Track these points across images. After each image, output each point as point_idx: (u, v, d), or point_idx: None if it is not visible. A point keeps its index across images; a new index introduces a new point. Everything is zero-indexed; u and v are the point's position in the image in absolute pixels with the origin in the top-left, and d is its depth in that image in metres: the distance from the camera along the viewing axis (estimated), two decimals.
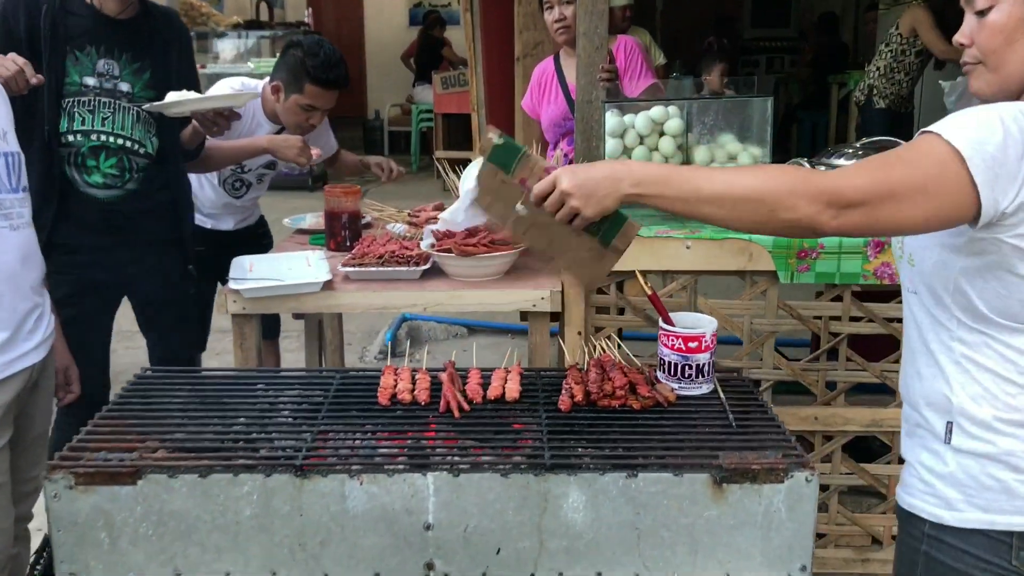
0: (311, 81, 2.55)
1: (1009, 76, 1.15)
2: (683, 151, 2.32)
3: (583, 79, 2.62)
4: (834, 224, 1.08)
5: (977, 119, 1.05)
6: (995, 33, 1.14)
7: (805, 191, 1.08)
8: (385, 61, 12.09)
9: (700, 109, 2.31)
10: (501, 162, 1.26)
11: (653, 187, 1.16)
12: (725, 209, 1.13)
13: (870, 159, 1.12)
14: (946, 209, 1.06)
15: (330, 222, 2.41)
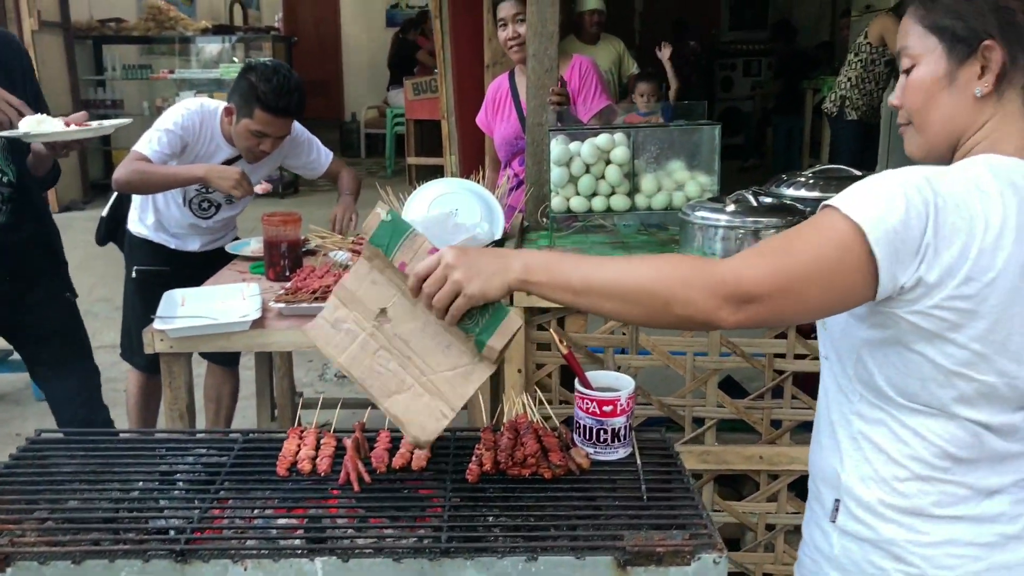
0: (261, 107, 2.47)
1: (934, 137, 1.11)
2: (630, 179, 2.27)
3: (533, 101, 2.56)
4: (733, 320, 1.02)
5: (881, 192, 1.00)
6: (916, 92, 1.10)
7: (702, 284, 1.01)
8: (362, 63, 12.00)
9: (647, 137, 2.26)
10: (385, 242, 1.17)
11: (542, 274, 1.08)
12: (615, 302, 1.06)
13: (770, 243, 1.05)
14: (849, 293, 1.01)
15: (269, 251, 2.34)
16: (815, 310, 1.05)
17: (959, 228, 0.99)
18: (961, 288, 0.99)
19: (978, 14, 1.05)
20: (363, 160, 11.15)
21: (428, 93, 7.56)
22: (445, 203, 2.30)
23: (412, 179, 8.25)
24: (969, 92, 1.07)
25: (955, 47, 1.07)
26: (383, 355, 1.20)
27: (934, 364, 1.03)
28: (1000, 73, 1.05)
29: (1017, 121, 1.07)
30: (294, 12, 11.79)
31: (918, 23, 1.10)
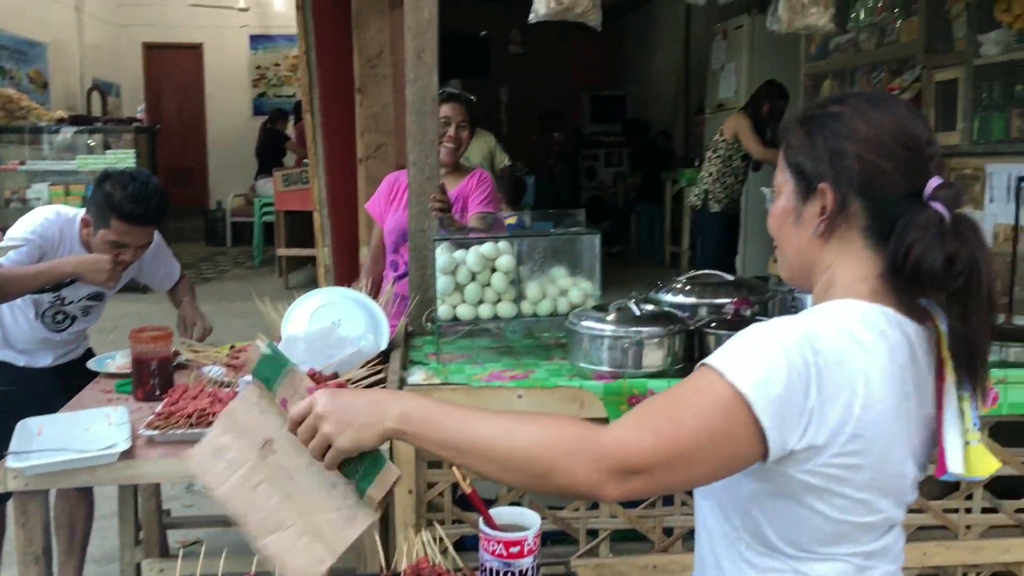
0: (117, 216, 2.37)
1: (791, 266, 1.15)
2: (515, 286, 2.29)
3: (415, 208, 2.56)
4: (617, 492, 0.98)
5: (762, 353, 0.99)
6: (775, 221, 1.15)
7: (586, 456, 0.97)
8: (228, 150, 11.80)
9: (531, 245, 2.29)
10: (265, 375, 1.12)
11: (420, 426, 1.02)
12: (494, 465, 1.00)
13: (655, 410, 1.01)
14: (734, 459, 0.99)
15: (137, 369, 2.20)
16: (702, 478, 1.02)
17: (841, 386, 0.99)
18: (847, 445, 0.99)
19: (817, 156, 1.08)
20: (229, 249, 10.85)
21: (299, 184, 7.47)
22: (326, 315, 2.24)
23: (282, 270, 8.07)
24: (809, 230, 1.10)
25: (800, 186, 1.11)
26: (265, 489, 1.13)
27: (824, 516, 1.03)
28: (832, 215, 1.08)
29: (861, 264, 1.08)
30: (158, 100, 11.53)
31: (783, 155, 1.14)
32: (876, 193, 1.06)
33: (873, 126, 1.06)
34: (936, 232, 1.02)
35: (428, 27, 2.47)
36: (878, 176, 1.06)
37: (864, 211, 1.07)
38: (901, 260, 1.03)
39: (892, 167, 1.06)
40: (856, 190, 1.07)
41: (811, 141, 1.09)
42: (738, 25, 6.72)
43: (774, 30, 2.71)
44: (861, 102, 1.09)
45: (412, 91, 2.50)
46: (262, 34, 11.73)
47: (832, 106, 1.10)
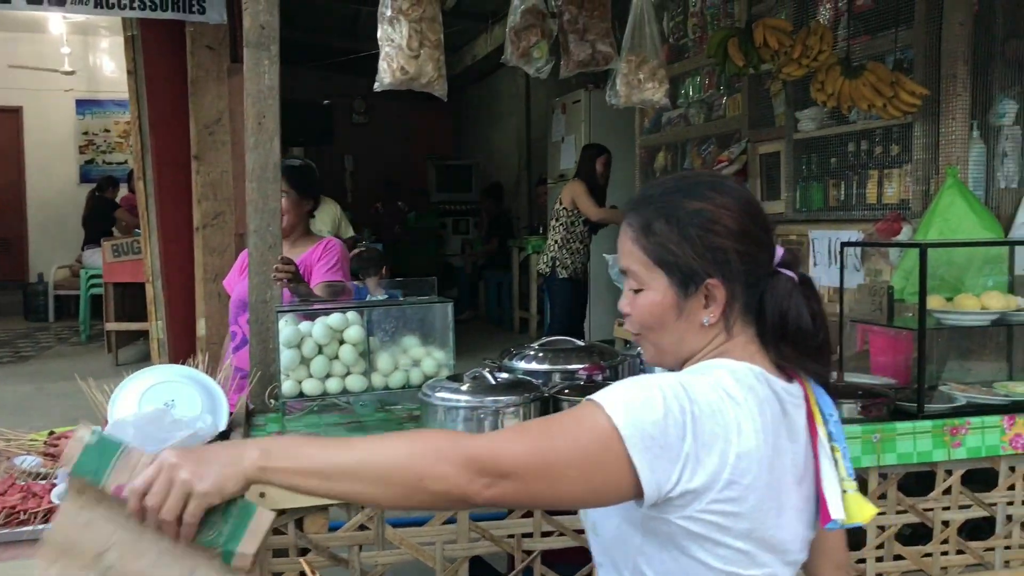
0: None
1: (666, 354, 1.19)
2: (365, 358, 2.21)
3: (255, 278, 2.44)
4: (487, 494, 0.99)
5: (642, 395, 1.03)
6: (646, 315, 1.17)
7: (455, 458, 0.99)
8: (51, 220, 11.06)
9: (381, 315, 2.22)
10: (92, 468, 0.99)
11: (284, 459, 0.99)
12: (366, 483, 0.99)
13: (529, 425, 1.07)
14: (604, 488, 1.02)
15: None
16: (571, 498, 1.04)
17: (717, 435, 1.03)
18: (724, 492, 1.03)
19: (697, 255, 1.13)
20: (52, 324, 10.09)
21: (131, 254, 7.06)
22: (159, 395, 2.07)
23: (111, 346, 7.55)
24: (696, 321, 1.15)
25: (681, 283, 1.14)
26: None
27: (708, 567, 1.06)
28: (725, 307, 1.15)
29: (739, 335, 1.16)
30: None
31: (642, 252, 1.17)
32: (752, 278, 1.15)
33: (737, 218, 1.14)
34: (797, 295, 1.14)
35: (269, 94, 2.40)
36: (753, 263, 1.15)
37: (742, 293, 1.15)
38: (779, 323, 1.13)
39: (759, 251, 1.16)
40: (739, 280, 1.15)
41: (687, 240, 1.14)
42: (576, 100, 7.00)
43: (613, 104, 2.81)
44: (717, 195, 1.16)
45: (253, 158, 2.41)
46: (90, 98, 11.15)
47: (692, 202, 1.15)
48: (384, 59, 2.43)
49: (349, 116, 11.72)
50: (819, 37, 2.97)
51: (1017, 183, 3.15)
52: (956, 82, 3.11)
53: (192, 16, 5.14)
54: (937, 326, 2.43)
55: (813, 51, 2.95)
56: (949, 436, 2.10)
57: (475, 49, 9.13)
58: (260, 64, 2.40)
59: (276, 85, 2.41)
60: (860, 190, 3.60)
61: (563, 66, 2.73)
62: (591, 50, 2.63)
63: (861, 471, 2.07)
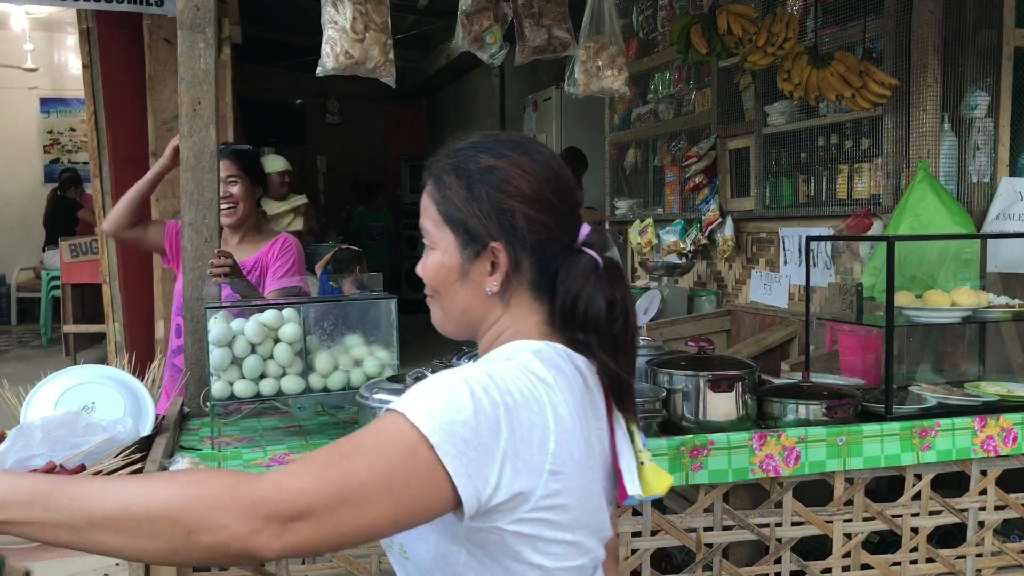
0: None
1: (454, 320, 1.12)
2: (303, 358, 2.08)
3: (190, 274, 2.31)
4: (277, 545, 0.83)
5: (446, 394, 0.93)
6: (434, 276, 1.11)
7: (236, 505, 0.83)
8: (14, 221, 10.80)
9: (320, 312, 2.09)
10: None
11: (25, 510, 0.82)
12: (124, 535, 0.82)
13: (322, 452, 0.90)
14: (418, 505, 0.89)
15: None
16: (380, 526, 0.89)
17: (535, 423, 0.95)
18: (550, 485, 0.96)
19: (484, 215, 1.06)
20: (14, 328, 9.86)
21: (88, 255, 6.88)
22: (78, 397, 1.93)
23: (70, 349, 7.36)
24: (481, 288, 1.08)
25: (467, 244, 1.07)
26: None
27: (541, 568, 0.98)
28: (507, 274, 1.07)
29: (529, 313, 1.09)
30: None
31: (435, 207, 1.10)
32: (542, 250, 1.07)
33: (533, 182, 1.07)
34: (595, 279, 1.06)
35: (205, 78, 2.28)
36: (544, 233, 1.07)
37: (532, 266, 1.08)
38: (569, 307, 1.06)
39: (554, 222, 1.08)
40: (527, 249, 1.07)
41: (474, 198, 1.07)
42: (547, 97, 6.90)
43: (571, 93, 2.70)
44: (516, 155, 1.08)
45: (187, 146, 2.29)
46: (55, 97, 10.92)
47: (486, 158, 1.08)
48: (327, 43, 2.31)
49: (323, 116, 11.57)
50: (785, 24, 2.86)
51: (989, 177, 3.06)
52: (927, 72, 3.02)
53: (149, 8, 4.98)
54: (907, 323, 2.34)
55: (779, 39, 2.85)
56: (918, 439, 2.00)
57: (449, 48, 9.02)
58: (195, 47, 2.27)
59: (212, 69, 2.28)
60: (830, 185, 3.51)
61: (518, 52, 2.61)
62: (547, 36, 2.52)
63: (826, 475, 1.97)
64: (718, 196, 4.22)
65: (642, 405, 1.91)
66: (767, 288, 3.89)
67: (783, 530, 1.96)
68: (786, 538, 1.96)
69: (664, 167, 4.80)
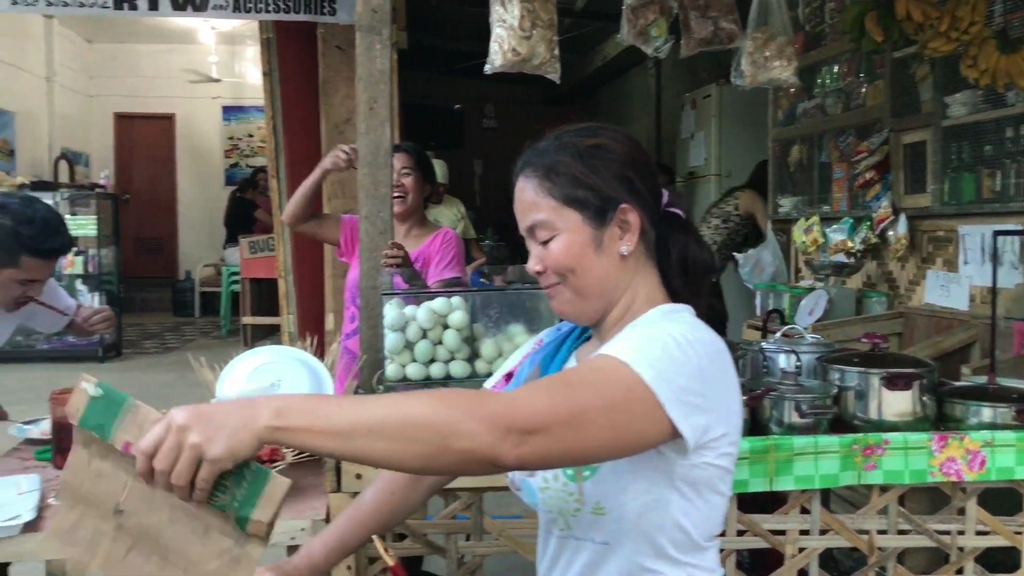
0: (30, 253, 2.18)
1: (592, 296, 1.16)
2: (469, 344, 2.15)
3: (366, 263, 2.43)
4: (515, 454, 0.93)
5: (657, 344, 1.03)
6: (565, 258, 1.15)
7: (482, 416, 0.93)
8: (199, 221, 11.70)
9: (485, 301, 2.16)
10: (98, 422, 0.94)
11: (299, 418, 0.91)
12: (386, 439, 0.92)
13: (549, 380, 1.06)
14: (634, 436, 1.00)
15: (57, 434, 2.02)
16: (600, 449, 1.00)
17: (726, 369, 1.09)
18: (736, 421, 1.10)
19: (607, 184, 1.14)
20: (197, 320, 10.66)
21: (265, 251, 7.35)
22: (266, 374, 2.08)
23: (248, 339, 7.89)
24: (615, 252, 1.15)
25: (596, 213, 1.14)
26: (135, 558, 0.98)
27: (724, 495, 1.12)
28: (641, 231, 1.16)
29: (650, 275, 1.19)
30: (127, 170, 11.46)
31: (549, 196, 1.15)
32: (652, 210, 1.18)
33: (633, 151, 1.18)
34: (690, 234, 1.21)
35: (381, 78, 2.39)
36: (653, 194, 1.18)
37: (650, 227, 1.18)
38: (681, 262, 1.19)
39: (655, 185, 1.19)
40: (646, 209, 1.17)
41: (593, 170, 1.15)
42: (706, 95, 6.78)
43: (738, 85, 2.65)
44: (607, 131, 1.20)
45: (364, 143, 2.40)
46: (235, 105, 11.75)
47: (585, 139, 1.18)
48: (495, 40, 2.37)
49: (479, 121, 11.85)
50: (970, 7, 2.70)
51: None
52: None
53: (323, 17, 5.28)
54: None
55: (963, 23, 2.69)
56: None
57: (605, 50, 9.02)
58: (372, 48, 2.39)
59: (387, 69, 2.40)
60: (1019, 179, 3.27)
61: (683, 45, 2.59)
62: (713, 27, 2.49)
63: (1015, 483, 1.85)
64: (890, 192, 4.01)
65: (811, 401, 1.86)
66: (944, 289, 3.67)
67: (966, 539, 1.85)
68: (969, 547, 1.85)
69: (831, 163, 4.62)
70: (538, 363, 1.26)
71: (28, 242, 2.16)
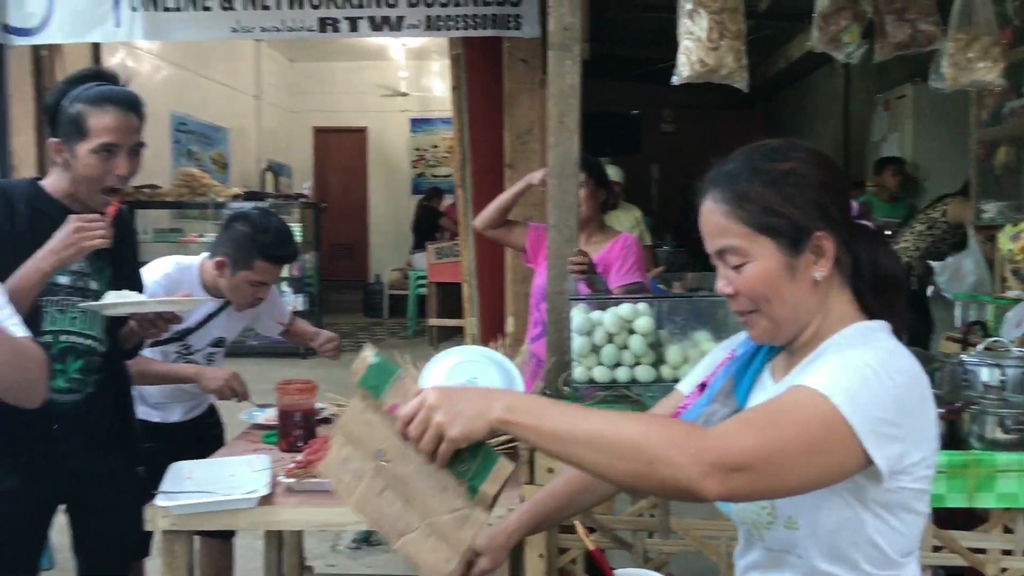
0: (262, 258, 2.47)
1: (785, 323, 1.17)
2: (655, 349, 2.22)
3: (553, 269, 2.55)
4: (718, 490, 0.99)
5: (856, 375, 1.05)
6: (759, 285, 1.16)
7: (689, 449, 0.99)
8: (388, 228, 12.35)
9: (671, 307, 2.22)
10: (373, 384, 1.16)
11: (526, 416, 1.05)
12: (597, 452, 1.01)
13: (753, 416, 1.07)
14: (832, 470, 1.03)
15: (282, 421, 2.27)
16: (800, 486, 1.04)
17: (924, 396, 1.09)
18: (933, 445, 1.10)
19: (801, 212, 1.15)
20: (386, 320, 11.25)
21: (450, 257, 7.69)
22: (463, 372, 2.23)
23: (433, 340, 8.26)
24: (808, 278, 1.15)
25: (789, 242, 1.15)
26: (388, 495, 1.18)
27: (920, 514, 1.12)
28: (836, 258, 1.16)
29: (845, 291, 1.19)
30: (324, 180, 12.27)
31: (740, 223, 1.16)
32: (844, 232, 1.18)
33: (826, 173, 1.18)
34: (881, 244, 1.21)
35: (571, 93, 2.50)
36: (846, 214, 1.19)
37: (842, 246, 1.18)
38: (873, 277, 1.19)
39: (847, 204, 1.19)
40: (839, 232, 1.17)
41: (787, 198, 1.15)
42: (901, 95, 6.46)
43: (937, 88, 2.56)
44: (800, 154, 1.19)
45: (553, 155, 2.52)
46: (422, 117, 12.32)
47: (777, 164, 1.17)
48: (683, 52, 2.42)
49: (657, 126, 11.80)
50: None
51: None
52: None
53: (509, 32, 5.48)
54: None
55: None
56: None
57: (789, 51, 8.76)
58: (563, 65, 2.51)
59: (577, 84, 2.50)
60: None
61: (877, 49, 2.53)
62: (911, 30, 2.41)
63: None
64: None
65: (1017, 417, 1.79)
66: None
67: None
68: None
69: None
70: (731, 375, 1.29)
71: (263, 248, 2.45)
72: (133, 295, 2.02)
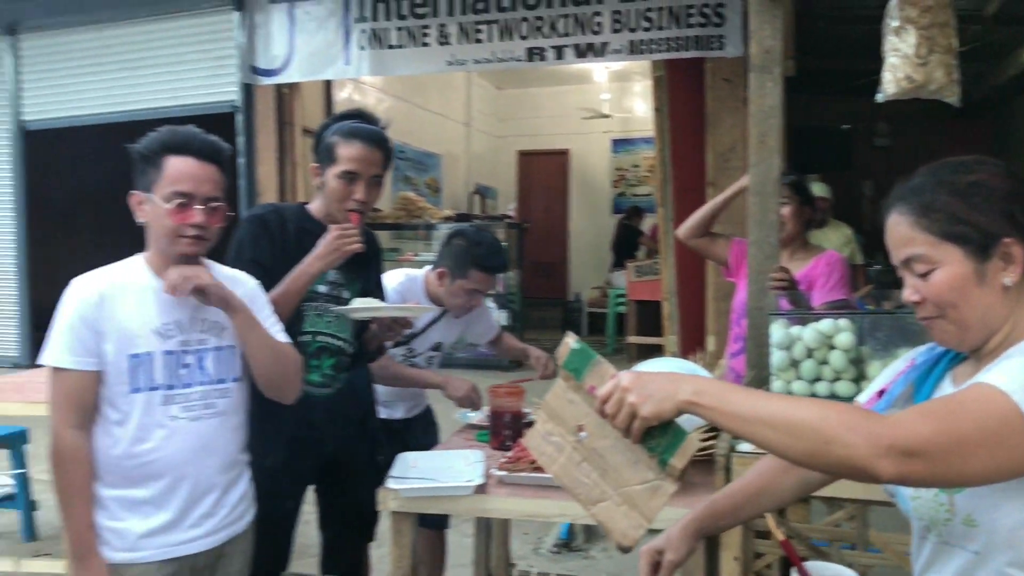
0: (477, 268, 2.74)
1: (973, 329, 1.20)
2: (856, 365, 2.22)
3: (754, 285, 2.61)
4: (892, 471, 1.04)
5: None
6: (947, 292, 1.19)
7: (865, 432, 1.05)
8: (588, 247, 12.58)
9: (873, 324, 2.22)
10: (575, 367, 1.29)
11: (712, 398, 1.15)
12: (779, 432, 1.10)
13: (934, 407, 1.11)
14: (1011, 462, 1.06)
15: (493, 421, 2.48)
16: (976, 474, 1.07)
17: None
18: None
19: (988, 219, 1.18)
20: (585, 338, 11.44)
21: (650, 275, 7.76)
22: None
23: (632, 357, 8.35)
24: (998, 285, 1.18)
25: (977, 249, 1.18)
26: (585, 467, 1.32)
27: None
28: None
29: None
30: (527, 201, 12.69)
31: (926, 232, 1.20)
32: None
33: (1012, 184, 1.21)
34: None
35: (771, 113, 2.56)
36: None
37: None
38: None
39: None
40: None
41: (974, 207, 1.19)
42: None
43: None
44: (981, 166, 1.22)
45: (754, 174, 2.59)
46: (623, 138, 12.46)
47: (964, 176, 1.22)
48: (888, 70, 2.42)
49: (870, 140, 11.26)
50: None
51: None
52: None
53: (712, 52, 5.53)
54: None
55: None
56: None
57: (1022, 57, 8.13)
58: (763, 86, 2.57)
59: (778, 104, 2.56)
60: None
61: None
62: None
63: None
64: None
65: None
66: None
67: None
68: None
69: None
70: (912, 382, 1.33)
71: (477, 259, 2.73)
72: (375, 302, 2.33)
